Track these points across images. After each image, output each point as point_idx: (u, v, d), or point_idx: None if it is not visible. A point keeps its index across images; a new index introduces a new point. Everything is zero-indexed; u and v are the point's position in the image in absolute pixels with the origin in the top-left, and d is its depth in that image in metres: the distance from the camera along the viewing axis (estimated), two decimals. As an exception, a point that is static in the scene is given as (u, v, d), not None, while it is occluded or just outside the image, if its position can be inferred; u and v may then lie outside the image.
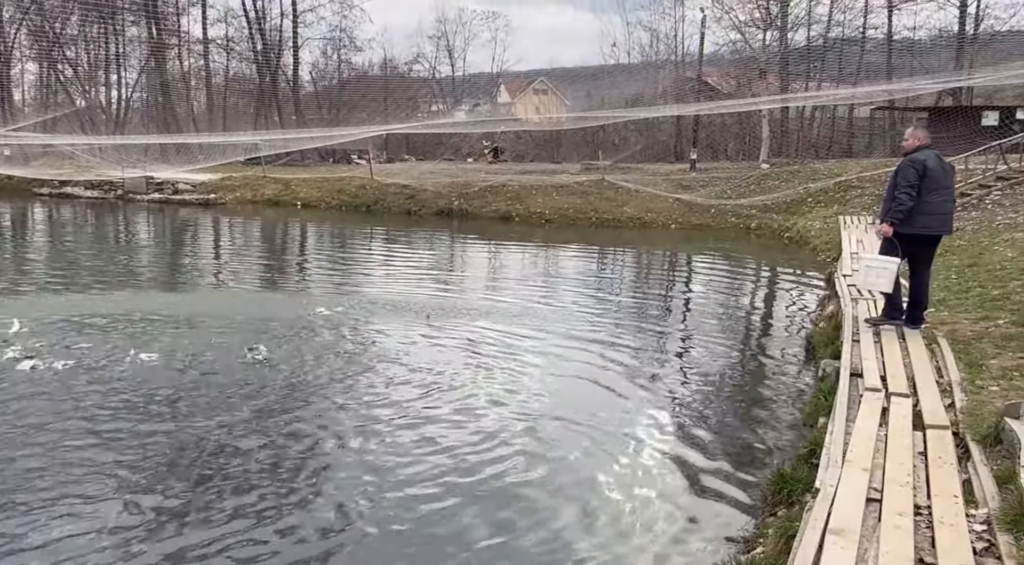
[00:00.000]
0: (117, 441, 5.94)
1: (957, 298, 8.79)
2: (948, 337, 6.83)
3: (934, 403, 5.17)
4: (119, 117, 44.08)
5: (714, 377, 8.25)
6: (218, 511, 4.92)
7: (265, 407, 6.77)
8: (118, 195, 29.55)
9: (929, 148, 6.84)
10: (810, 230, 19.45)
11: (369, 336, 9.42)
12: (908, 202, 6.65)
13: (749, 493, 5.40)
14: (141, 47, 44.51)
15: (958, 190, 18.44)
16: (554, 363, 8.49)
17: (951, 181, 7.05)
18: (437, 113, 49.23)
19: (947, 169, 6.92)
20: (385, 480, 5.44)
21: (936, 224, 6.83)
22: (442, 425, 6.49)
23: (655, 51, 45.88)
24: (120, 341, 8.71)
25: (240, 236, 22.34)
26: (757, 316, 12.24)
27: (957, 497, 3.80)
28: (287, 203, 28.15)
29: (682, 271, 17.15)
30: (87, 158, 31.39)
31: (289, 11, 43.38)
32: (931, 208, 6.72)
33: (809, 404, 6.79)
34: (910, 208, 6.67)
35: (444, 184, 27.37)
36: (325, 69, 48.99)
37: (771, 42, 34.89)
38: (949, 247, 13.14)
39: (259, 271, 15.49)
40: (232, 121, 43.42)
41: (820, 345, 8.57)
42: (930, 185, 6.66)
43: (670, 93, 39.60)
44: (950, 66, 31.95)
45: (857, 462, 4.20)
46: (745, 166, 30.64)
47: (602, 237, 21.28)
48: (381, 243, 20.60)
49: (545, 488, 5.41)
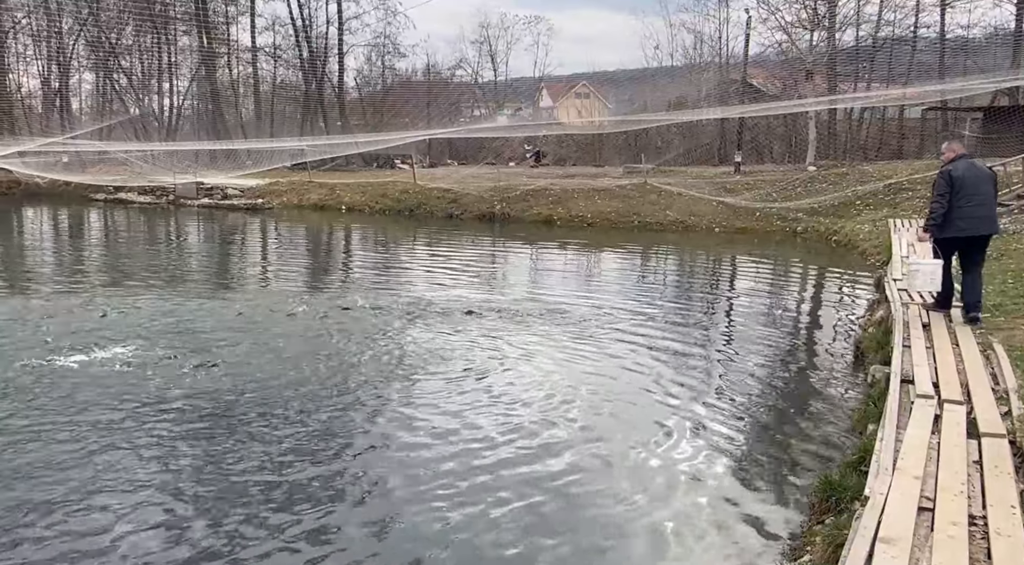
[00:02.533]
0: (155, 434, 6.12)
1: (1014, 303, 8.52)
2: (1004, 343, 6.62)
3: (989, 411, 5.03)
4: (171, 124, 45.34)
5: (759, 382, 8.13)
6: (260, 504, 5.03)
7: (309, 402, 6.89)
8: (170, 200, 30.34)
9: (964, 157, 7.50)
10: (858, 233, 19.04)
11: (406, 335, 9.49)
12: (939, 210, 7.31)
13: (796, 500, 5.31)
14: (192, 56, 45.80)
15: (1014, 192, 17.95)
16: (598, 366, 8.46)
17: (988, 186, 7.49)
18: (479, 118, 49.53)
19: (982, 175, 7.44)
20: (417, 470, 5.49)
21: (971, 227, 7.33)
22: (478, 423, 6.52)
23: (699, 53, 45.61)
24: (173, 341, 8.95)
25: (287, 240, 22.75)
26: (804, 320, 12.03)
27: (1014, 507, 3.68)
28: (332, 207, 28.58)
29: (726, 274, 16.94)
30: (140, 165, 32.35)
31: (335, 19, 44.27)
32: (964, 213, 7.26)
33: (858, 411, 6.66)
34: (942, 215, 7.30)
35: (486, 188, 27.49)
36: (369, 75, 49.82)
37: (818, 43, 34.27)
38: (1005, 251, 12.76)
39: (303, 272, 15.76)
40: (279, 127, 44.32)
41: (869, 350, 8.38)
42: (961, 192, 7.25)
43: (714, 95, 39.16)
44: (1006, 64, 30.96)
45: (908, 470, 4.10)
46: (791, 169, 30.15)
47: (645, 240, 21.14)
48: (423, 246, 20.78)
49: (586, 491, 5.40)
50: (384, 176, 33.08)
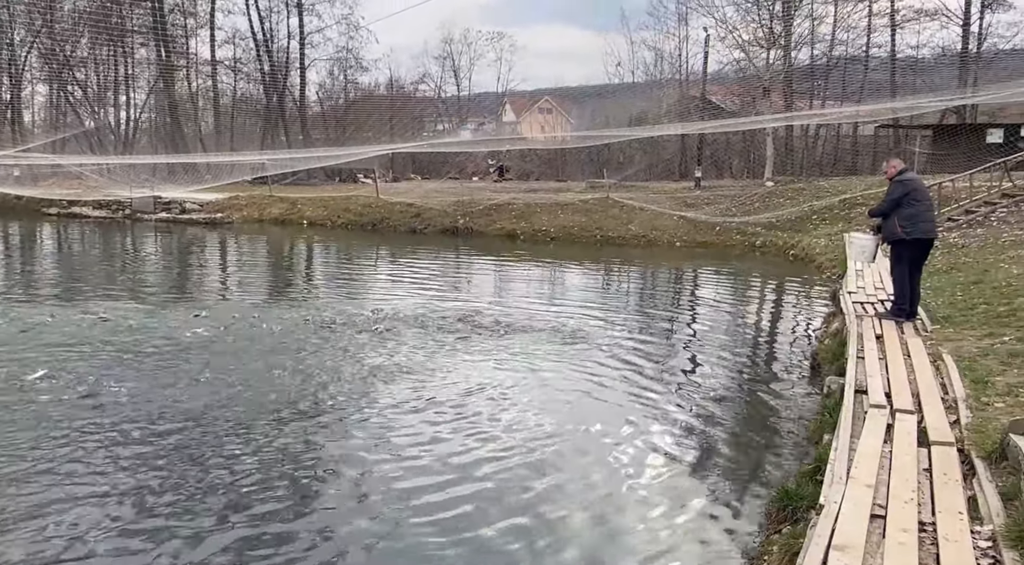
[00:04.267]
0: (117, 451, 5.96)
1: (963, 315, 8.75)
2: (953, 354, 6.80)
3: (939, 420, 5.15)
4: (127, 137, 44.53)
5: (719, 393, 8.22)
6: (224, 515, 4.93)
7: (269, 422, 6.78)
8: (126, 215, 29.75)
9: (908, 170, 8.47)
10: (815, 247, 19.44)
11: (367, 350, 9.41)
12: (885, 209, 8.21)
13: (754, 510, 5.37)
14: (150, 68, 45.05)
15: (962, 207, 18.52)
16: (558, 380, 8.48)
17: (930, 196, 8.64)
18: (443, 132, 49.55)
19: (926, 186, 8.62)
20: (385, 485, 5.44)
21: (929, 230, 8.21)
22: (444, 436, 6.48)
23: (659, 70, 46.25)
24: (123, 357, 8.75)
25: (246, 254, 22.44)
26: (763, 333, 12.21)
27: (962, 514, 3.77)
28: (294, 222, 28.29)
29: (688, 288, 17.13)
30: (95, 178, 31.69)
31: (296, 32, 43.92)
32: (924, 217, 8.11)
33: (814, 421, 6.77)
34: (889, 211, 8.16)
35: (449, 202, 27.48)
36: (332, 89, 49.48)
37: (775, 61, 35.05)
38: (955, 264, 13.14)
39: (262, 287, 15.55)
40: (239, 141, 43.78)
41: (825, 361, 8.54)
42: (918, 198, 8.11)
43: (674, 111, 39.76)
44: (954, 84, 32.01)
45: (861, 478, 4.18)
46: (750, 184, 30.72)
47: (607, 255, 21.29)
48: (386, 260, 20.66)
49: (546, 505, 5.39)
50: (347, 190, 32.86)
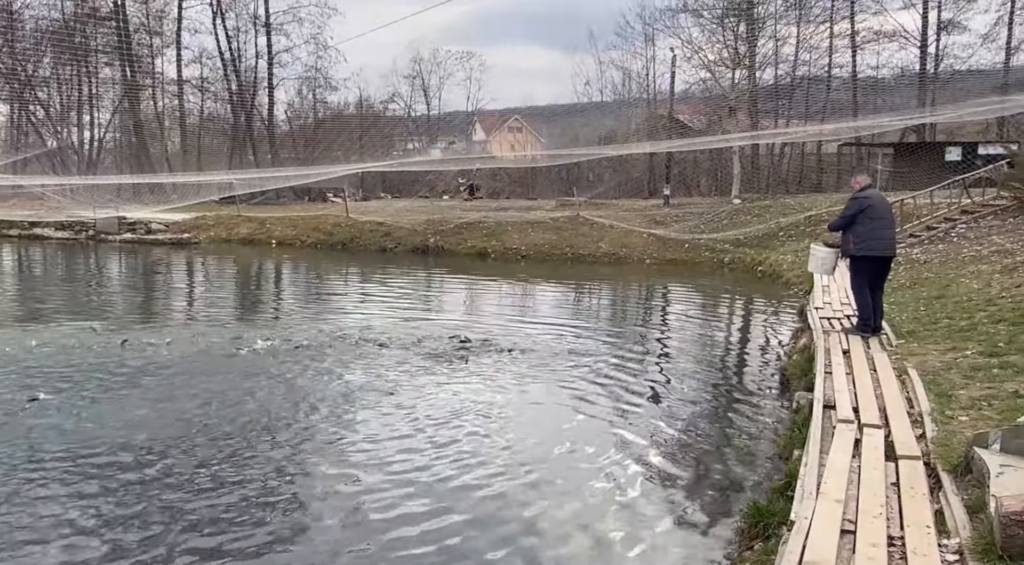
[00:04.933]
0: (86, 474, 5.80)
1: (927, 330, 8.91)
2: (918, 368, 6.91)
3: (905, 434, 5.21)
4: (91, 158, 43.86)
5: (690, 410, 8.24)
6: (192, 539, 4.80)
7: (228, 451, 6.65)
8: (89, 236, 29.22)
9: (871, 187, 8.69)
10: (782, 264, 19.70)
11: (332, 371, 9.30)
12: (840, 224, 8.46)
13: (726, 527, 5.37)
14: (115, 88, 44.51)
15: (923, 223, 18.93)
16: (526, 399, 8.45)
17: (891, 213, 8.70)
18: (413, 151, 49.56)
19: (886, 203, 8.65)
20: (356, 503, 5.35)
21: (883, 247, 8.35)
22: (413, 456, 6.41)
23: (627, 90, 46.86)
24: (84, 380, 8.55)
25: (213, 275, 22.16)
26: (733, 349, 12.31)
27: (929, 527, 3.81)
28: (262, 242, 28.03)
29: (658, 305, 17.25)
30: (58, 199, 31.10)
31: (264, 52, 43.75)
32: (877, 234, 8.28)
33: (784, 436, 6.81)
34: (844, 225, 8.40)
35: (420, 221, 27.44)
36: (300, 108, 49.27)
37: (740, 81, 35.72)
38: (917, 279, 13.39)
39: (228, 308, 15.33)
40: (207, 160, 43.39)
41: (794, 377, 8.62)
42: (874, 216, 8.25)
43: (643, 130, 40.31)
44: (913, 104, 32.87)
45: (831, 494, 4.20)
46: (718, 201, 31.13)
47: (578, 272, 21.38)
48: (356, 280, 20.52)
49: (518, 524, 5.34)
50: (316, 209, 32.67)
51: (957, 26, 35.06)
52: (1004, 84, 30.29)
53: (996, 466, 4.12)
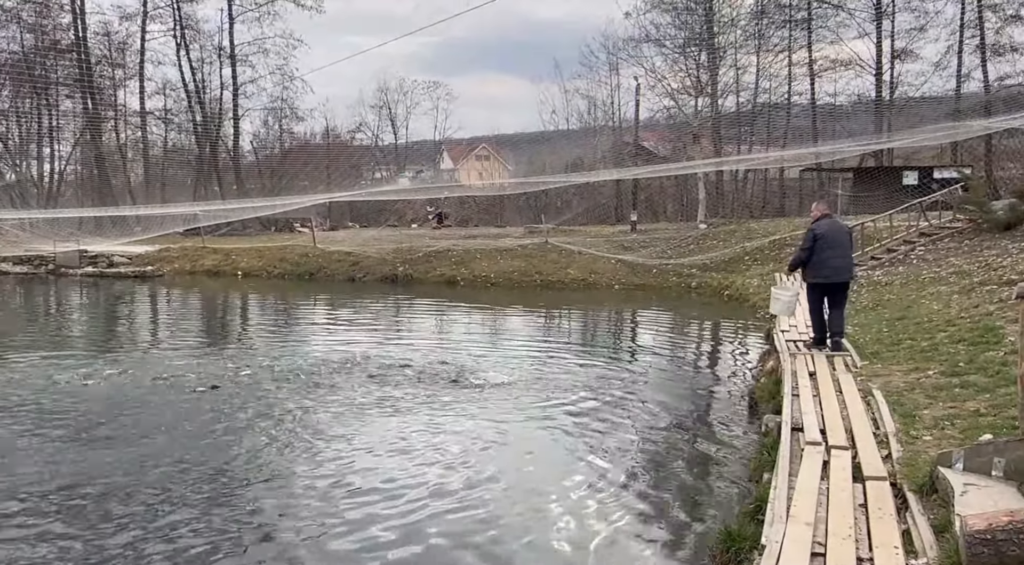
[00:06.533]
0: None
1: (889, 351, 9.04)
2: (882, 389, 6.99)
3: (872, 455, 5.26)
4: (52, 190, 43.13)
5: (660, 435, 8.24)
6: None
7: (196, 481, 6.49)
8: (49, 270, 28.59)
9: (828, 216, 9.05)
10: (748, 287, 19.94)
11: (299, 404, 9.17)
12: (799, 258, 8.93)
13: (698, 552, 5.35)
14: (76, 120, 43.92)
15: (884, 246, 19.33)
16: (497, 425, 8.37)
17: (846, 239, 9.10)
18: (380, 180, 49.49)
19: (841, 232, 9.05)
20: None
21: (832, 274, 8.79)
22: (380, 486, 6.30)
23: (593, 117, 47.46)
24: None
25: (176, 308, 21.79)
26: (702, 373, 12.37)
27: (897, 548, 3.83)
28: (228, 273, 27.67)
29: (627, 330, 17.31)
30: (16, 233, 30.46)
31: (229, 83, 43.59)
32: (827, 263, 8.72)
33: (754, 460, 6.83)
34: (801, 262, 8.91)
35: (388, 250, 27.34)
36: (266, 138, 49.06)
37: (703, 108, 36.43)
38: (880, 301, 13.63)
39: (190, 341, 15.03)
40: (171, 192, 42.89)
41: (762, 400, 8.68)
42: (824, 245, 8.69)
43: (609, 157, 40.81)
44: (870, 129, 33.71)
45: (800, 517, 4.21)
46: (684, 226, 31.53)
47: (547, 299, 21.41)
48: (323, 310, 20.31)
49: (486, 552, 5.27)
50: (282, 240, 32.43)
51: (910, 54, 36.20)
52: (956, 110, 31.24)
53: (960, 485, 4.17)
